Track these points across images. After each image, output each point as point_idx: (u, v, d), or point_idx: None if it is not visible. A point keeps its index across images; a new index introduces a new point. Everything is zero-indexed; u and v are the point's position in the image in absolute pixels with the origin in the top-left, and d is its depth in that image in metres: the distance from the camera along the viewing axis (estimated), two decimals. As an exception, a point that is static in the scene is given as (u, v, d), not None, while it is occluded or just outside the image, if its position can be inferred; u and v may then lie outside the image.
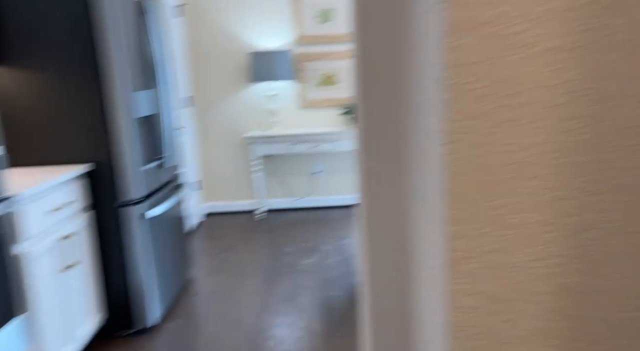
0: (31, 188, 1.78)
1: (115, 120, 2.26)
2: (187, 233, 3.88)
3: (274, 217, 4.43)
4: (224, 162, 4.50)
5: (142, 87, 2.47)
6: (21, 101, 2.19)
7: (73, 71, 2.20)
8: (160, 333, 2.47)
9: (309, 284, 3.01)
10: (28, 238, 1.79)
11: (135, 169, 2.35)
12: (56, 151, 2.25)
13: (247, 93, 4.41)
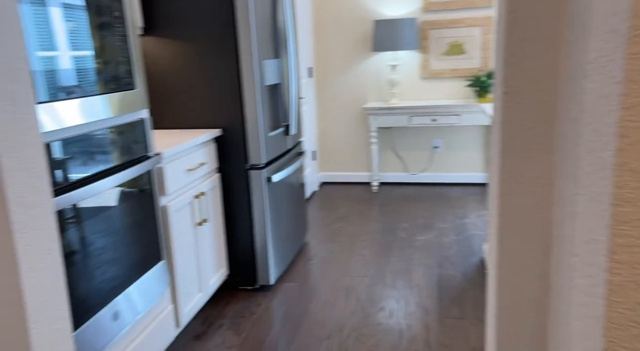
0: (172, 149, 1.94)
1: (247, 87, 2.35)
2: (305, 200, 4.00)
3: (387, 191, 4.38)
4: (341, 132, 4.52)
5: (271, 56, 2.54)
6: (164, 68, 2.38)
7: (213, 40, 2.32)
8: (276, 292, 2.59)
9: (423, 261, 2.93)
10: (169, 194, 1.96)
11: (263, 135, 2.44)
12: (191, 116, 2.42)
13: (368, 63, 4.34)
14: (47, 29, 1.28)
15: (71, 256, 1.38)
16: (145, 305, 1.75)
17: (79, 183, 1.42)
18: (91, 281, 1.46)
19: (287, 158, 2.84)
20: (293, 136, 2.92)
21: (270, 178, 2.51)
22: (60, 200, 1.30)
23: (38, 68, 1.25)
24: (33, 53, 1.23)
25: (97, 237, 1.50)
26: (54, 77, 1.31)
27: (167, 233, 1.95)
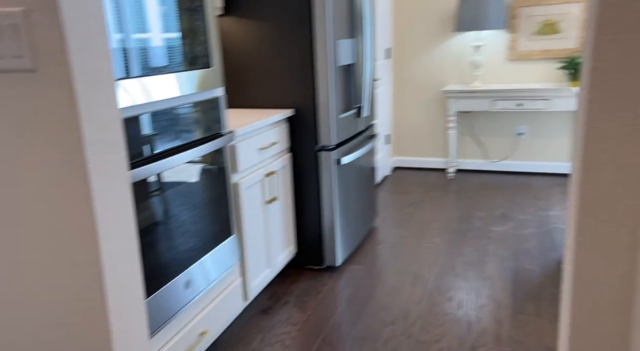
0: (245, 127, 1.98)
1: (320, 68, 2.34)
2: (375, 184, 3.96)
3: (465, 178, 4.20)
4: (418, 116, 4.39)
5: (346, 36, 2.50)
6: (241, 47, 2.43)
7: (288, 20, 2.32)
8: (343, 274, 2.60)
9: (499, 252, 2.79)
10: (241, 171, 2.02)
11: (334, 116, 2.43)
12: (264, 96, 2.46)
13: (450, 44, 4.15)
14: (135, 10, 1.35)
15: (149, 225, 1.47)
16: (215, 276, 1.82)
17: (157, 157, 1.50)
18: (166, 250, 1.55)
19: (358, 140, 2.80)
20: (365, 118, 2.87)
21: (340, 160, 2.50)
22: (139, 171, 1.38)
23: (122, 46, 1.32)
24: (118, 32, 1.30)
25: (173, 209, 1.58)
26: (139, 55, 1.38)
27: (238, 209, 2.01)
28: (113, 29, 1.29)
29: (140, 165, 1.42)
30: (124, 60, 1.34)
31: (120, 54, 1.32)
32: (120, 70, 1.32)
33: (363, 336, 2.05)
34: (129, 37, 1.35)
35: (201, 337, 1.76)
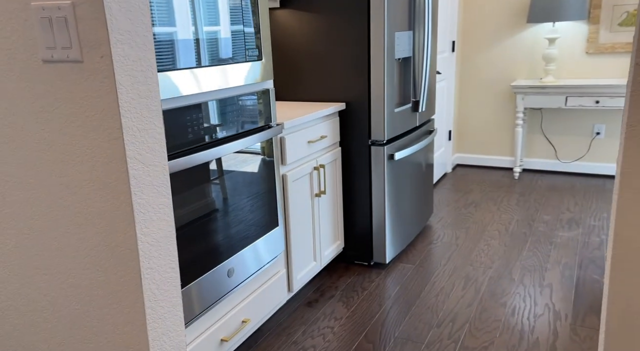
0: (294, 120, 1.99)
1: (375, 60, 2.29)
2: (433, 181, 3.84)
3: (531, 178, 3.97)
4: (483, 111, 4.19)
5: (405, 28, 2.43)
6: (296, 40, 2.43)
7: (345, 11, 2.29)
8: (392, 272, 2.55)
9: (562, 260, 2.61)
10: (289, 163, 2.03)
11: (389, 110, 2.37)
12: (318, 88, 2.45)
13: (521, 36, 3.91)
14: (187, 3, 1.39)
15: (196, 212, 1.52)
16: (259, 266, 1.85)
17: (206, 145, 1.54)
18: (211, 238, 1.60)
19: (415, 135, 2.72)
20: (423, 113, 2.78)
21: (393, 155, 2.44)
22: (189, 159, 1.42)
23: (175, 37, 1.36)
24: (170, 24, 1.34)
25: (220, 198, 1.62)
26: (190, 47, 1.42)
27: (285, 201, 2.02)
28: (165, 21, 1.33)
29: (189, 153, 1.46)
30: (175, 51, 1.38)
31: (173, 45, 1.36)
32: (171, 61, 1.37)
33: (406, 337, 2.00)
34: (182, 29, 1.39)
35: (243, 325, 1.80)
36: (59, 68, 0.98)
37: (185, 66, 1.42)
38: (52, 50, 0.97)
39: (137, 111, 1.02)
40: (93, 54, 0.95)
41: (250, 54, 1.70)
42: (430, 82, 2.85)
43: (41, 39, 0.97)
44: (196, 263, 1.55)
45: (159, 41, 1.33)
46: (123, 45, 0.97)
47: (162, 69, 1.35)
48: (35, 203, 1.11)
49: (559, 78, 3.87)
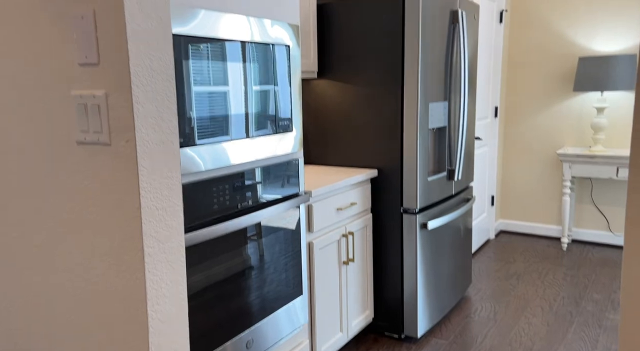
0: (322, 188, 2.01)
1: (408, 130, 2.31)
2: (473, 249, 3.70)
3: (581, 250, 3.74)
4: (528, 177, 4.06)
5: (440, 98, 2.45)
6: (332, 107, 2.50)
7: (379, 82, 2.35)
8: (423, 346, 2.43)
9: (612, 346, 2.39)
10: (316, 231, 2.03)
11: (422, 178, 2.36)
12: (350, 153, 2.48)
13: (568, 103, 3.83)
14: (219, 76, 1.48)
15: (218, 281, 1.53)
16: (280, 336, 1.83)
17: (232, 215, 1.58)
18: (229, 307, 1.60)
19: (450, 204, 2.67)
20: (459, 182, 2.74)
21: (426, 224, 2.39)
22: (213, 230, 1.46)
23: (199, 114, 1.44)
24: (196, 99, 1.43)
25: (241, 266, 1.64)
26: (220, 121, 1.49)
27: (311, 268, 2.01)
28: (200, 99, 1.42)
29: (214, 223, 1.50)
30: (199, 127, 1.45)
31: (194, 122, 1.44)
32: (199, 136, 1.44)
33: None
34: (214, 105, 1.47)
35: (258, 397, 1.76)
36: (90, 149, 1.06)
37: (217, 140, 1.49)
38: (86, 133, 1.05)
39: (157, 191, 1.07)
40: (119, 138, 1.02)
41: (281, 125, 1.77)
42: (468, 150, 2.82)
43: (77, 123, 1.06)
44: (213, 334, 1.55)
45: (188, 118, 1.41)
46: (147, 130, 1.04)
47: (187, 144, 1.43)
48: (54, 274, 1.17)
49: (609, 147, 3.71)
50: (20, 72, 1.11)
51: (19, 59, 1.11)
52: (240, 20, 1.54)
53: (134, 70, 1.00)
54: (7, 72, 1.14)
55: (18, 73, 1.12)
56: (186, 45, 1.37)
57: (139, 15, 1.00)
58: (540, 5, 3.82)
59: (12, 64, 1.12)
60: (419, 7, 2.20)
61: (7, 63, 1.13)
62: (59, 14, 1.04)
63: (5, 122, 1.17)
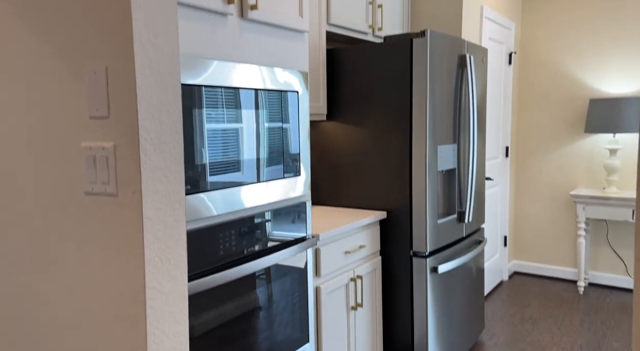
0: (330, 231, 2.00)
1: (416, 173, 2.31)
2: (486, 291, 3.61)
3: (599, 295, 3.62)
4: (540, 219, 3.99)
5: (449, 141, 2.45)
6: (341, 148, 2.52)
7: (388, 123, 2.37)
8: (433, 396, 2.34)
9: (631, 401, 2.28)
10: (323, 275, 2.01)
11: (432, 221, 2.33)
12: (358, 195, 2.47)
13: (580, 144, 3.80)
14: (231, 123, 1.50)
15: (219, 326, 1.51)
16: (283, 384, 1.78)
17: (239, 261, 1.57)
18: (233, 354, 1.57)
19: (461, 246, 2.63)
20: (469, 224, 2.70)
21: (437, 268, 2.35)
22: (217, 277, 1.45)
23: (209, 161, 1.46)
24: (209, 146, 1.45)
25: (245, 313, 1.61)
26: (227, 167, 1.51)
27: (318, 314, 1.98)
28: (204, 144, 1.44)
29: (219, 270, 1.49)
30: (211, 172, 1.47)
31: (207, 168, 1.46)
32: (210, 182, 1.45)
33: None
34: (220, 151, 1.49)
35: None
36: (97, 200, 1.07)
37: (228, 185, 1.50)
38: (93, 184, 1.07)
39: (162, 242, 1.07)
40: (126, 190, 1.04)
41: (290, 169, 1.78)
42: (478, 192, 2.80)
43: (85, 174, 1.08)
44: (215, 382, 1.51)
45: (199, 164, 1.43)
46: (154, 181, 1.05)
47: (197, 191, 1.44)
48: (55, 322, 1.16)
49: (624, 189, 3.66)
50: (33, 123, 1.15)
51: (32, 110, 1.15)
52: (252, 69, 1.58)
53: (142, 124, 1.02)
54: (20, 123, 1.17)
55: (30, 124, 1.15)
56: (199, 94, 1.41)
57: (149, 70, 1.03)
58: (548, 47, 3.86)
59: (25, 115, 1.16)
60: (427, 52, 2.23)
61: (20, 114, 1.17)
62: (73, 69, 1.07)
63: (16, 170, 1.19)
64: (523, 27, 3.96)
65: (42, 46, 1.11)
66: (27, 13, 1.12)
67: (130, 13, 0.99)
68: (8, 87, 1.18)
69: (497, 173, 3.72)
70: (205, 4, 1.42)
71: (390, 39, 2.34)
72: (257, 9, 1.57)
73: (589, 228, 3.79)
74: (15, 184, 1.21)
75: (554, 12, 3.82)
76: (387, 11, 2.89)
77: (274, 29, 1.69)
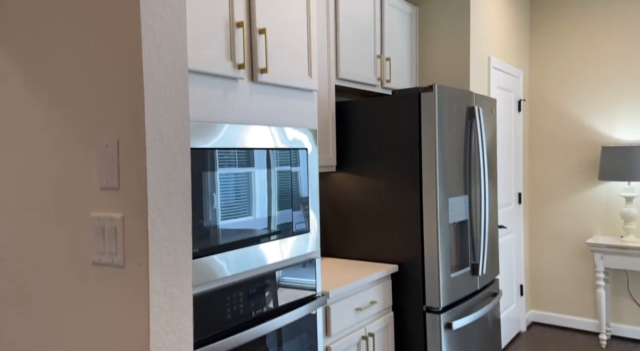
0: (341, 288, 1.96)
1: (427, 226, 2.28)
2: (503, 343, 3.48)
3: (622, 348, 3.47)
4: (557, 267, 3.89)
5: (460, 192, 2.43)
6: (350, 199, 2.51)
7: (397, 176, 2.37)
8: None
9: None
10: (333, 334, 1.95)
11: (445, 275, 2.28)
12: (368, 247, 2.44)
13: (594, 191, 3.75)
14: (241, 183, 1.51)
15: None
16: None
17: (240, 327, 1.54)
18: None
19: (476, 300, 2.55)
20: (484, 276, 2.64)
21: (451, 324, 2.28)
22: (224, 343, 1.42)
23: (216, 224, 1.46)
24: (213, 209, 1.45)
25: (252, 377, 1.56)
26: (237, 229, 1.51)
27: (328, 375, 1.91)
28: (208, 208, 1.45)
29: (227, 335, 1.46)
30: (222, 234, 1.47)
31: (219, 229, 1.45)
32: (217, 243, 1.45)
33: None
34: (230, 213, 1.49)
35: None
36: (104, 270, 1.07)
37: (235, 246, 1.49)
38: (101, 254, 1.07)
39: (168, 314, 1.06)
40: (133, 261, 1.03)
41: (298, 228, 1.77)
42: (492, 243, 2.75)
43: (94, 244, 1.08)
44: None
45: (208, 226, 1.43)
46: (161, 253, 1.05)
47: (204, 254, 1.43)
48: (65, 392, 1.14)
49: (643, 237, 3.57)
50: (45, 193, 1.16)
51: (44, 181, 1.17)
52: (262, 130, 1.61)
53: (151, 196, 1.03)
54: (32, 192, 1.19)
55: (42, 194, 1.17)
56: (212, 157, 1.43)
57: (159, 143, 1.05)
58: (557, 94, 3.88)
59: (37, 185, 1.18)
60: (435, 105, 2.26)
61: (32, 184, 1.19)
62: (86, 141, 1.10)
63: (26, 238, 1.20)
64: (531, 75, 4.00)
65: (56, 117, 1.14)
66: (41, 86, 1.16)
67: (142, 88, 1.02)
68: (22, 157, 1.21)
69: (511, 221, 3.66)
70: (216, 70, 1.46)
71: (399, 92, 2.37)
72: (267, 72, 1.61)
73: (609, 277, 3.67)
74: (23, 250, 1.21)
75: (561, 59, 3.86)
76: (395, 64, 2.95)
77: (283, 90, 1.73)
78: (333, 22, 2.43)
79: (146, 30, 1.02)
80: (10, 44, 1.20)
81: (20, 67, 1.19)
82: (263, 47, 1.61)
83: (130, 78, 1.03)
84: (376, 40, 2.76)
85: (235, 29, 1.52)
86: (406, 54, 3.08)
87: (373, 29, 2.73)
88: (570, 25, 3.81)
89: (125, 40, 1.03)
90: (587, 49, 3.76)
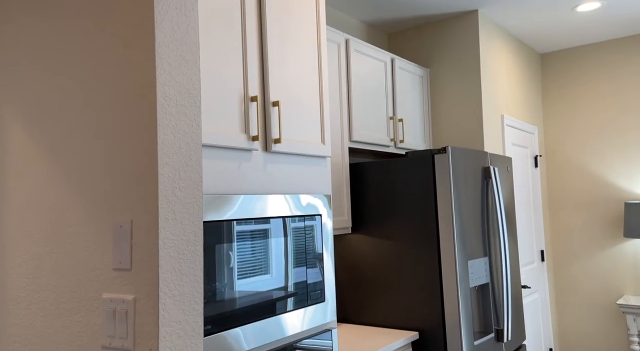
0: (360, 359, 1.88)
1: (447, 290, 2.21)
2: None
3: None
4: (587, 329, 3.69)
5: (480, 254, 2.37)
6: (366, 262, 2.46)
7: (414, 238, 2.33)
8: None
9: None
10: (353, 409, 1.85)
11: (468, 343, 2.18)
12: (387, 313, 2.36)
13: (620, 248, 3.62)
14: (258, 254, 1.50)
15: None
16: None
17: (255, 403, 1.47)
18: None
19: (503, 370, 2.42)
20: (509, 342, 2.51)
21: (477, 397, 2.15)
22: None
23: (231, 297, 1.43)
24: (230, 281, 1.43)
25: None
26: (250, 302, 1.47)
27: None
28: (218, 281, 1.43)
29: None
30: (235, 307, 1.43)
31: (232, 303, 1.43)
32: (229, 317, 1.41)
33: None
34: (238, 287, 1.47)
35: None
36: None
37: (249, 320, 1.46)
38: (112, 338, 1.05)
39: (176, 401, 1.02)
40: (143, 346, 1.01)
41: (314, 297, 1.73)
42: (516, 306, 2.64)
43: (104, 327, 1.06)
44: None
45: (224, 300, 1.40)
46: (172, 336, 1.02)
47: (222, 329, 1.39)
48: None
49: (677, 295, 3.39)
50: (57, 273, 1.16)
51: (57, 262, 1.17)
52: (277, 199, 1.61)
53: (163, 277, 1.02)
54: (45, 273, 1.19)
55: (54, 274, 1.17)
56: (229, 229, 1.42)
57: (172, 223, 1.05)
58: (574, 149, 3.85)
59: (51, 265, 1.18)
60: (449, 167, 2.25)
61: (46, 264, 1.19)
62: (100, 221, 1.11)
63: (36, 320, 1.19)
64: (546, 131, 4.00)
65: (72, 197, 1.16)
66: (58, 166, 1.19)
67: (157, 170, 1.04)
68: (42, 243, 1.22)
69: (534, 280, 3.53)
70: (231, 144, 1.49)
71: (412, 154, 2.38)
72: (280, 142, 1.64)
73: (644, 339, 3.47)
74: (34, 333, 1.20)
75: (576, 115, 3.86)
76: (408, 124, 2.98)
77: (297, 158, 1.75)
78: (345, 86, 2.49)
79: (162, 114, 1.05)
80: (41, 140, 1.25)
81: (45, 158, 1.23)
82: (277, 119, 1.65)
83: (147, 162, 1.05)
84: (388, 103, 2.81)
85: (249, 103, 1.56)
86: (419, 114, 3.12)
87: (385, 92, 2.79)
88: (580, 80, 3.84)
89: (142, 126, 1.06)
90: (599, 102, 3.76)
